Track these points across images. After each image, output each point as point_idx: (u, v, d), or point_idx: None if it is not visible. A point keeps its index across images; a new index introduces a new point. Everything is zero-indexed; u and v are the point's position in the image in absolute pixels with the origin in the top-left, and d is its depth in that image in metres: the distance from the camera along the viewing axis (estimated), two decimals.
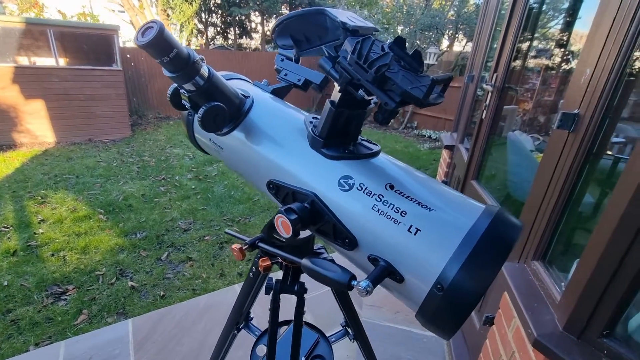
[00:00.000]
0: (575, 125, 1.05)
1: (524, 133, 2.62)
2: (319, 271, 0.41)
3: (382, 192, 0.43)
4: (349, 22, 0.41)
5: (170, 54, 0.40)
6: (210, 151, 0.63)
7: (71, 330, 2.08)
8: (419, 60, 0.38)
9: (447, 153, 2.79)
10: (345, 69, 0.38)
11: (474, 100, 2.45)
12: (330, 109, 0.45)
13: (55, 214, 3.38)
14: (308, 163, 0.48)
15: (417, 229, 0.39)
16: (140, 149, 5.73)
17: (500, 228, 0.39)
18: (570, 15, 2.25)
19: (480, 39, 2.49)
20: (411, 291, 0.40)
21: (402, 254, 0.40)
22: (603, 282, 0.84)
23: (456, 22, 8.45)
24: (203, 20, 11.11)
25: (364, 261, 0.44)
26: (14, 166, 4.65)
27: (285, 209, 0.43)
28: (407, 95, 0.35)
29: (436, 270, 0.37)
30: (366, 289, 0.37)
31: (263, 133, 0.53)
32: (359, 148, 0.50)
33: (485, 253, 0.37)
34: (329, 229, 0.45)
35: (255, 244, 0.59)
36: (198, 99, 0.47)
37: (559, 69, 2.61)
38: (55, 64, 5.71)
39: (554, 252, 1.19)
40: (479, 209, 0.41)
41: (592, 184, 1.26)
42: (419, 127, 8.20)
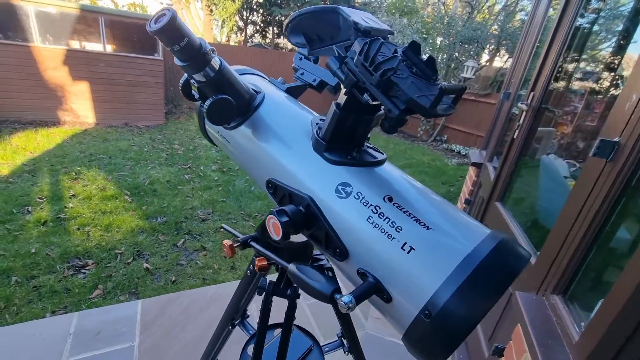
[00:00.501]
0: (614, 154, 0.97)
1: (560, 158, 2.47)
2: (302, 279, 0.39)
3: (380, 204, 0.40)
4: (362, 23, 0.39)
5: (181, 42, 0.40)
6: (218, 144, 0.63)
7: (86, 303, 2.17)
8: (433, 68, 0.36)
9: (473, 171, 2.69)
10: (352, 70, 0.36)
11: (507, 118, 2.34)
12: (335, 112, 0.43)
13: (85, 191, 3.56)
14: (308, 165, 0.47)
15: (411, 247, 0.36)
16: (171, 137, 5.94)
17: (503, 256, 0.35)
18: (624, 38, 2.11)
19: (520, 56, 2.38)
20: (398, 313, 0.38)
21: (393, 272, 0.37)
22: (629, 328, 0.77)
23: (499, 37, 8.18)
24: (244, 18, 11.41)
25: (353, 274, 0.42)
26: (55, 142, 4.95)
27: (278, 210, 0.42)
28: (412, 103, 0.32)
29: (426, 294, 0.34)
30: (348, 304, 0.34)
31: (269, 130, 0.52)
32: (363, 155, 0.48)
33: (482, 281, 0.33)
34: (321, 236, 0.43)
35: (247, 243, 0.57)
36: (207, 90, 0.47)
37: (606, 93, 2.45)
38: (102, 50, 6.05)
39: (576, 288, 1.11)
40: (483, 233, 0.38)
41: (629, 219, 1.17)
42: (448, 141, 7.99)
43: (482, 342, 1.64)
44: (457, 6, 10.35)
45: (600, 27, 2.21)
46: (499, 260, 0.35)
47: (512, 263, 0.35)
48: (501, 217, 1.70)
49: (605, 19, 2.32)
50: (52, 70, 5.65)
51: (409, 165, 6.15)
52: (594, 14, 2.07)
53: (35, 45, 5.48)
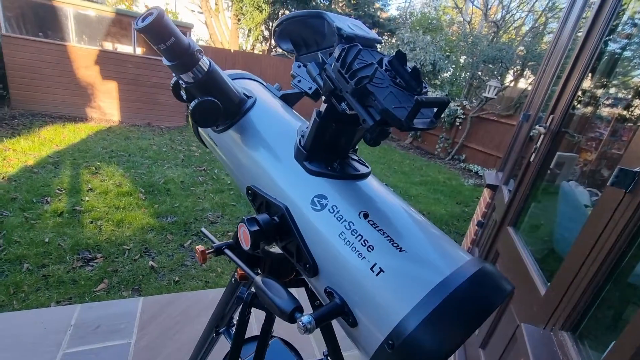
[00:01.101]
0: (635, 185, 0.91)
1: (581, 185, 2.36)
2: (264, 292, 0.37)
3: (354, 220, 0.38)
4: (346, 29, 0.37)
5: (167, 41, 0.40)
6: (208, 146, 0.63)
7: (90, 295, 2.20)
8: (418, 79, 0.34)
9: (488, 192, 2.60)
10: (330, 77, 0.34)
11: (526, 140, 2.27)
12: (315, 120, 0.42)
13: (102, 185, 3.66)
14: (287, 174, 0.45)
15: (380, 269, 0.34)
16: (190, 139, 6.07)
17: (480, 286, 0.31)
18: None
19: (543, 77, 2.32)
20: (363, 339, 0.35)
21: (360, 294, 0.34)
22: None
23: (524, 58, 8.04)
24: (269, 28, 11.70)
25: (322, 293, 0.39)
26: (80, 137, 5.15)
27: (249, 218, 0.40)
28: (387, 114, 0.30)
29: (392, 321, 0.31)
30: (306, 325, 0.32)
31: (256, 135, 0.51)
32: (345, 167, 0.45)
33: (453, 312, 0.30)
34: (293, 249, 0.41)
35: (222, 250, 0.56)
36: (195, 92, 0.46)
37: (636, 121, 2.34)
38: (132, 52, 6.31)
39: (588, 325, 1.03)
40: (461, 259, 0.35)
41: None
42: (467, 160, 7.83)
43: None
44: (483, 25, 10.27)
45: (633, 53, 2.13)
46: (475, 290, 0.31)
47: (489, 295, 0.32)
48: (512, 243, 1.63)
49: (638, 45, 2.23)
50: (84, 69, 5.93)
51: (424, 183, 6.04)
52: (626, 39, 2.00)
53: (71, 45, 5.78)
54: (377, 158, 7.27)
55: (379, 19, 11.61)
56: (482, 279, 0.32)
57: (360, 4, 10.93)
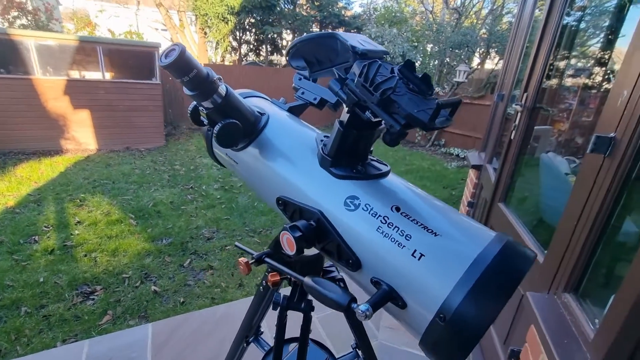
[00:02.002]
0: (612, 149, 0.99)
1: (559, 155, 2.49)
2: (319, 290, 0.40)
3: (388, 214, 0.42)
4: (359, 46, 0.41)
5: (190, 74, 0.43)
6: (226, 165, 0.65)
7: (95, 329, 2.16)
8: (428, 84, 0.38)
9: (474, 173, 2.70)
10: (353, 91, 0.38)
11: (503, 119, 2.37)
12: (339, 129, 0.46)
13: (90, 217, 3.58)
14: (316, 181, 0.49)
15: (421, 254, 0.38)
16: (172, 158, 5.99)
17: (509, 258, 0.36)
18: (612, 33, 2.16)
19: (511, 58, 2.43)
20: (414, 319, 0.39)
21: (405, 279, 0.39)
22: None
23: (488, 40, 8.31)
24: (237, 38, 11.64)
25: (367, 284, 0.43)
26: (58, 170, 5.00)
27: (290, 226, 0.43)
28: (411, 119, 0.35)
29: (439, 298, 0.36)
30: (365, 312, 0.36)
31: (276, 150, 0.54)
32: (368, 168, 0.50)
33: (491, 283, 0.35)
34: (333, 249, 0.45)
35: (262, 259, 0.59)
36: (215, 116, 0.49)
37: (600, 88, 2.49)
38: (102, 78, 6.17)
39: (588, 284, 1.11)
40: (488, 236, 0.39)
41: (633, 212, 1.17)
42: (446, 144, 8.02)
43: (498, 346, 1.63)
44: (445, 13, 10.55)
45: (587, 24, 2.26)
46: (505, 261, 0.36)
47: (518, 264, 0.37)
48: (505, 218, 1.71)
49: (592, 16, 2.37)
50: (53, 101, 5.76)
51: (410, 172, 6.17)
52: (580, 11, 2.12)
53: (36, 78, 5.59)
54: None
55: (344, 17, 11.74)
56: (510, 251, 0.37)
57: (324, 5, 11.03)
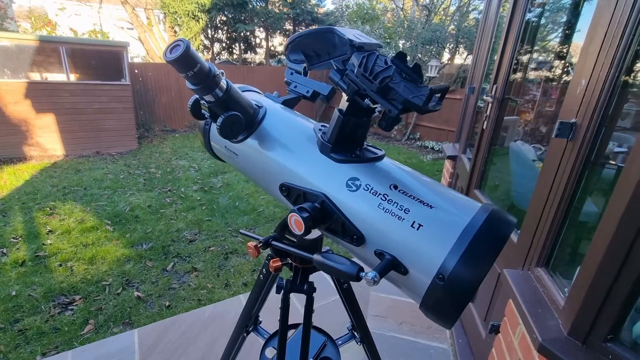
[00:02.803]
0: (573, 133, 1.08)
1: (526, 143, 2.64)
2: (330, 264, 0.44)
3: (387, 192, 0.46)
4: (355, 40, 0.45)
5: (194, 68, 0.44)
6: (224, 158, 0.67)
7: (78, 340, 2.09)
8: (419, 73, 0.42)
9: (450, 163, 2.82)
10: (353, 80, 0.42)
11: (475, 111, 2.49)
12: (339, 117, 0.49)
13: (63, 225, 3.43)
14: (318, 166, 0.52)
15: (419, 225, 0.43)
16: (147, 161, 5.82)
17: (495, 223, 0.42)
18: (569, 28, 2.32)
19: (479, 52, 2.55)
20: (415, 283, 0.43)
21: (406, 248, 0.43)
22: (604, 287, 0.86)
23: (457, 36, 8.60)
24: (209, 37, 11.39)
25: (370, 256, 0.47)
26: (23, 178, 4.73)
27: (298, 208, 0.47)
28: (408, 103, 0.39)
29: (437, 262, 0.40)
30: (373, 279, 0.40)
31: (275, 140, 0.57)
32: (365, 153, 0.54)
33: (481, 246, 0.40)
34: (338, 227, 0.49)
35: (269, 242, 0.62)
36: (217, 109, 0.51)
37: (559, 80, 2.66)
38: (66, 79, 5.88)
39: (557, 259, 1.21)
40: (476, 206, 0.45)
41: (595, 193, 1.28)
42: (421, 138, 8.25)
43: (479, 323, 1.73)
44: (415, 10, 10.81)
45: (547, 20, 2.42)
46: (492, 227, 0.42)
47: (503, 228, 0.43)
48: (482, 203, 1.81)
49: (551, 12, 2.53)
50: (13, 105, 5.43)
51: None
52: (539, 7, 2.26)
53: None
54: None
55: (317, 14, 11.77)
56: (496, 218, 0.43)
57: (297, 2, 11.00)
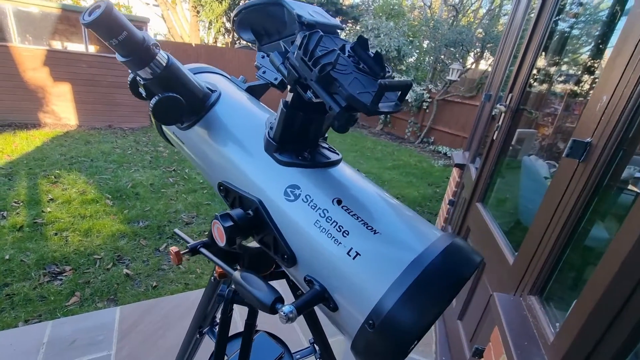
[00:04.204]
0: (586, 154, 0.98)
1: (541, 159, 2.51)
2: (245, 288, 0.37)
3: (328, 207, 0.38)
4: (306, 16, 0.37)
5: (119, 36, 0.37)
6: (175, 145, 0.61)
7: (61, 310, 2.09)
8: (381, 64, 0.34)
9: (457, 172, 2.71)
10: (293, 65, 0.34)
11: (489, 119, 2.37)
12: (282, 110, 0.41)
13: (64, 195, 3.46)
14: (258, 167, 0.44)
15: (357, 253, 0.35)
16: (156, 139, 5.84)
17: (452, 259, 0.33)
18: (602, 42, 2.16)
19: (501, 58, 2.41)
20: (345, 322, 0.36)
21: (339, 279, 0.35)
22: (600, 329, 0.77)
23: (484, 40, 8.32)
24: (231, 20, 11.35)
25: (301, 281, 0.40)
26: (34, 144, 4.81)
27: (222, 214, 0.39)
28: (352, 100, 0.31)
29: (371, 302, 0.32)
30: (287, 315, 0.32)
31: (224, 130, 0.49)
32: (316, 156, 0.46)
33: (429, 286, 0.32)
34: (270, 241, 0.41)
35: (197, 249, 0.55)
36: (155, 88, 0.44)
37: (586, 96, 2.50)
38: (85, 50, 5.92)
39: (552, 288, 1.11)
40: (433, 236, 0.36)
41: (601, 219, 1.18)
42: (435, 142, 8.06)
43: (464, 343, 1.64)
44: (443, 9, 10.50)
45: (580, 31, 2.26)
46: (447, 263, 0.33)
47: (460, 267, 0.34)
48: (482, 218, 1.71)
49: (585, 23, 2.37)
50: (32, 71, 5.50)
51: (397, 167, 6.18)
52: (571, 18, 2.11)
53: (13, 45, 5.32)
54: (350, 146, 7.33)
55: (342, 6, 11.56)
56: (453, 253, 0.34)
57: None
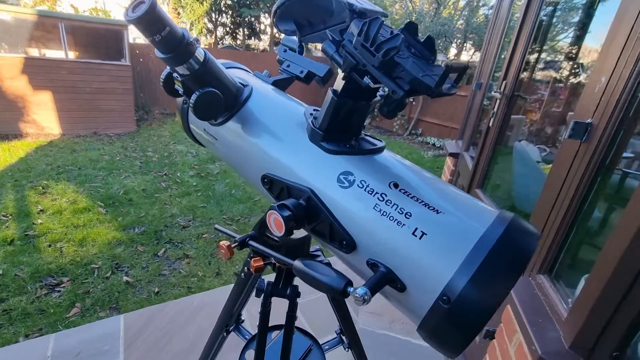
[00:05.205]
0: (588, 135, 1.01)
1: (531, 143, 2.57)
2: (312, 275, 0.37)
3: (385, 191, 0.39)
4: (356, 4, 0.37)
5: (162, 32, 0.37)
6: (204, 142, 0.60)
7: (63, 323, 2.04)
8: (432, 48, 0.35)
9: (451, 161, 2.75)
10: (350, 52, 0.35)
11: (481, 107, 2.41)
12: (332, 99, 0.42)
13: (55, 205, 3.36)
14: (306, 157, 0.45)
15: (422, 233, 0.35)
16: (144, 144, 5.73)
17: (516, 236, 0.35)
18: (581, 29, 2.23)
19: (489, 48, 2.46)
20: (413, 302, 0.36)
21: (405, 260, 0.36)
22: (615, 300, 0.80)
23: (465, 32, 8.44)
24: (213, 20, 11.18)
25: (362, 266, 0.40)
26: (18, 155, 4.65)
27: (279, 205, 0.40)
28: (417, 83, 0.31)
29: (442, 280, 0.33)
30: (363, 296, 0.33)
31: (260, 124, 0.50)
32: (362, 143, 0.46)
33: (499, 263, 0.33)
34: (325, 229, 0.42)
35: (246, 242, 0.55)
36: (192, 84, 0.44)
37: (568, 81, 2.58)
38: (64, 57, 5.74)
39: (561, 266, 1.15)
40: (492, 214, 0.37)
41: (605, 197, 1.22)
42: (423, 134, 8.15)
43: None
44: (424, 2, 10.59)
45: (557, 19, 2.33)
46: (512, 240, 0.34)
47: (525, 242, 0.35)
48: None
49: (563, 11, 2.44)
50: (9, 80, 5.31)
51: None
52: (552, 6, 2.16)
53: None
54: None
55: None
56: (517, 228, 0.35)
57: None
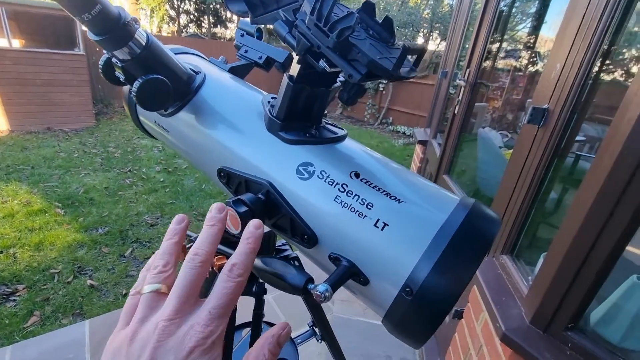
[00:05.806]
0: (545, 120, 1.05)
1: (494, 130, 2.68)
2: (269, 272, 0.35)
3: (346, 181, 0.37)
4: None
5: (92, 10, 0.33)
6: (156, 135, 0.56)
7: (20, 333, 1.91)
8: (390, 30, 0.34)
9: (420, 148, 2.81)
10: (304, 33, 0.32)
11: (447, 95, 2.47)
12: (289, 85, 0.39)
13: (5, 208, 3.11)
14: (263, 148, 0.42)
15: (384, 224, 0.35)
16: (105, 140, 5.41)
17: (478, 222, 0.35)
18: (538, 19, 2.33)
19: (453, 38, 2.51)
20: (377, 295, 0.36)
21: (367, 252, 0.35)
22: (569, 277, 0.85)
23: (431, 21, 8.59)
24: (175, 7, 10.63)
25: (325, 261, 0.39)
26: None
27: (234, 200, 0.37)
28: (374, 66, 0.30)
29: (405, 271, 0.33)
30: (324, 294, 0.31)
31: (214, 113, 0.46)
32: (323, 132, 0.45)
33: (460, 250, 0.33)
34: (286, 224, 0.40)
35: None
36: (134, 71, 0.40)
37: (527, 69, 2.70)
38: (8, 46, 5.24)
39: (521, 247, 1.21)
40: (454, 201, 0.37)
41: (563, 181, 1.28)
42: (394, 123, 8.29)
43: None
44: None
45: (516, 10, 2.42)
46: (474, 226, 0.34)
47: (487, 227, 0.35)
48: (450, 189, 1.80)
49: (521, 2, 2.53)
50: None
51: None
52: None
53: None
54: None
55: None
56: (478, 214, 0.35)
57: None
